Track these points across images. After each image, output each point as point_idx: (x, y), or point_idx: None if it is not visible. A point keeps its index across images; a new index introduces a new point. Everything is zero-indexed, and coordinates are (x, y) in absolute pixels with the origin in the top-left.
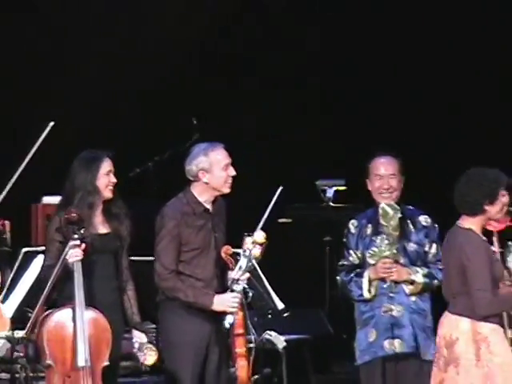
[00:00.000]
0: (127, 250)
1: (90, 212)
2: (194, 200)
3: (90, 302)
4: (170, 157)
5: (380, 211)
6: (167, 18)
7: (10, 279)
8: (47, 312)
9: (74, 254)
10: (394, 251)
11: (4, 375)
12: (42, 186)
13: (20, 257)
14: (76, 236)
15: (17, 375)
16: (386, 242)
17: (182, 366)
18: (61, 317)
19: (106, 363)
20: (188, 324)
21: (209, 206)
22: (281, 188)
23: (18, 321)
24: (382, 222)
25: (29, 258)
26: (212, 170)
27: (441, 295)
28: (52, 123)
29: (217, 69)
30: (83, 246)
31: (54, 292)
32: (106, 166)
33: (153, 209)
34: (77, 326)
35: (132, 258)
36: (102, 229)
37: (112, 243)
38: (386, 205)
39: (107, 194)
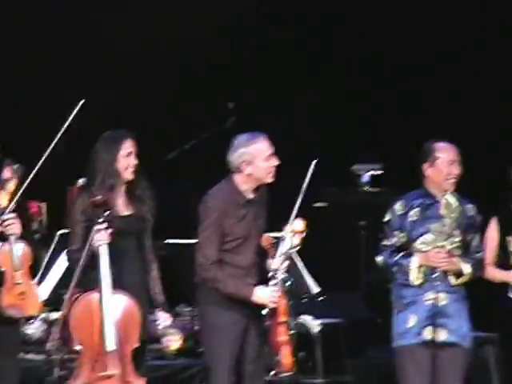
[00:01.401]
0: (151, 231)
1: (111, 194)
2: (237, 190)
3: (116, 285)
4: (206, 140)
5: (443, 201)
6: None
7: (45, 261)
8: (76, 296)
9: (99, 238)
10: (455, 244)
11: (39, 357)
12: (78, 168)
13: (55, 239)
14: (101, 220)
15: (51, 357)
16: (443, 231)
17: (220, 349)
18: (87, 301)
19: (136, 345)
20: (226, 306)
21: (251, 196)
22: (315, 162)
23: (54, 303)
24: (442, 212)
25: (64, 240)
26: (254, 161)
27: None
28: (82, 101)
29: (252, 54)
30: (109, 230)
31: (83, 275)
32: (127, 147)
33: (189, 191)
34: (103, 310)
35: (168, 240)
36: (125, 211)
37: (134, 225)
38: (450, 195)
39: (127, 175)
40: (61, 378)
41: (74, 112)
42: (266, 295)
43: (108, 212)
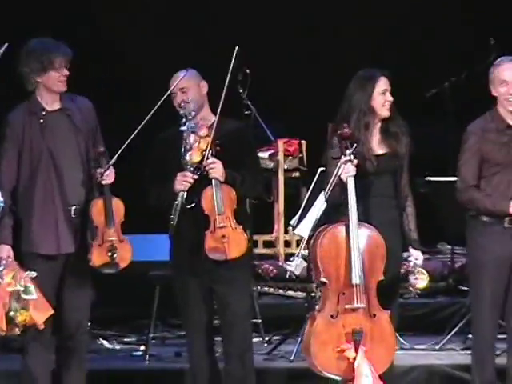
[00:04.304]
0: (408, 168)
1: (366, 132)
2: (497, 116)
3: (367, 219)
4: (466, 78)
5: None
6: None
7: (305, 199)
8: (320, 229)
9: (346, 170)
10: None
11: (300, 294)
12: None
13: (316, 176)
14: (348, 151)
15: (312, 294)
16: None
17: (483, 284)
18: (334, 234)
19: (381, 278)
20: (489, 242)
21: None
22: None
23: None
24: None
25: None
26: (494, 83)
27: None
28: (237, 48)
29: None
30: (355, 161)
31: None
32: (382, 84)
33: (447, 130)
34: (351, 243)
35: (429, 178)
36: (379, 149)
37: (389, 163)
38: None
39: (384, 113)
40: None
41: (233, 60)
42: None
43: (355, 145)
